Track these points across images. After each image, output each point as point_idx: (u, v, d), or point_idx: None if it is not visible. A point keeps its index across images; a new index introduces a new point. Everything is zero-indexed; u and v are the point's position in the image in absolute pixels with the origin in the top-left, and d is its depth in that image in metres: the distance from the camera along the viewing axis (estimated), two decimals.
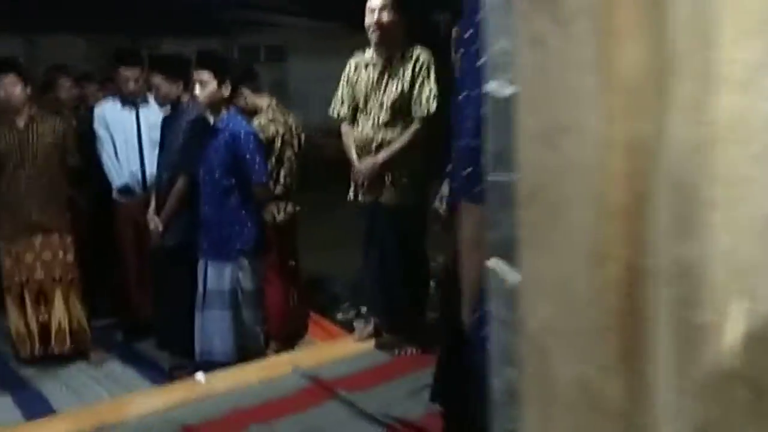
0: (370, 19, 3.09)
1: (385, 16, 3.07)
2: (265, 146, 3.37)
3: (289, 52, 9.88)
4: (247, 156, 3.03)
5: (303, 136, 3.81)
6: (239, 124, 3.11)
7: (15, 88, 3.52)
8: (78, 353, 3.73)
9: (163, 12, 8.46)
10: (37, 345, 3.65)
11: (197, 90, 3.08)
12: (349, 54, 3.56)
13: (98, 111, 3.94)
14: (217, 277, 3.13)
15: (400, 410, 2.63)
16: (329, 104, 3.51)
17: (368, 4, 3.10)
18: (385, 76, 3.17)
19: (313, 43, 10.30)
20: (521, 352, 0.61)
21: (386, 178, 3.16)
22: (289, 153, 3.64)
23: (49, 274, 3.65)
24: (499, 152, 0.64)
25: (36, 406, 3.24)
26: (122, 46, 4.06)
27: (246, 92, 3.55)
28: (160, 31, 8.73)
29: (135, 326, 4.01)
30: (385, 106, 3.15)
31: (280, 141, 3.57)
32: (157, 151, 3.81)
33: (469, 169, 0.98)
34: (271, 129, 3.53)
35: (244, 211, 3.11)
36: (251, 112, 3.55)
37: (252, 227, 3.13)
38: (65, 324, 3.67)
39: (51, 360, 3.68)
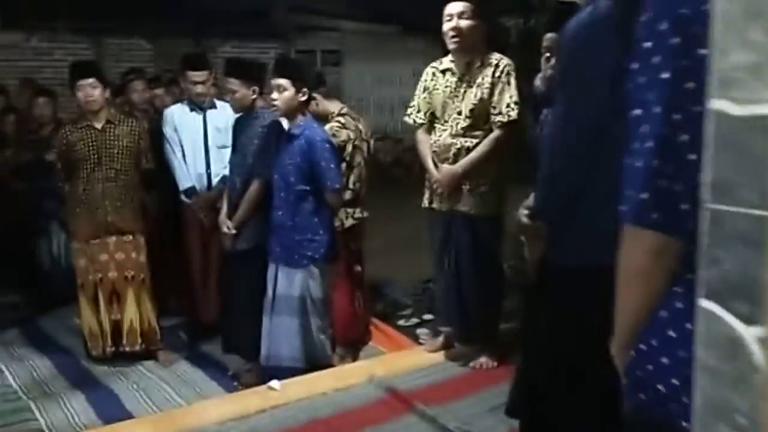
0: (448, 26, 3.04)
1: (464, 22, 3.02)
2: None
3: (345, 56, 9.91)
4: (323, 163, 3.01)
5: (372, 142, 3.80)
6: (315, 130, 3.10)
7: (95, 91, 3.60)
8: (147, 353, 3.78)
9: (223, 16, 8.59)
10: (108, 343, 3.71)
11: (274, 95, 3.08)
12: (405, 58, 3.56)
13: (167, 114, 4.01)
14: (287, 283, 3.13)
15: (481, 427, 2.57)
16: (385, 108, 3.48)
17: (446, 10, 3.05)
18: (464, 83, 3.13)
19: (369, 47, 10.33)
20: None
21: (464, 186, 3.11)
22: (359, 158, 3.63)
23: (122, 274, 3.72)
24: (727, 180, 0.58)
25: (108, 406, 3.29)
26: (188, 50, 4.11)
27: (318, 97, 3.54)
28: (220, 35, 8.86)
29: (200, 327, 4.05)
30: (463, 114, 3.11)
31: (351, 146, 3.56)
32: (221, 155, 3.87)
33: (646, 194, 0.92)
34: (343, 134, 3.52)
35: (317, 218, 3.10)
36: (322, 117, 3.55)
37: (324, 235, 3.11)
38: (136, 323, 3.73)
39: (121, 359, 3.74)
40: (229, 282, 3.51)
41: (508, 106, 3.04)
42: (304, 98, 3.11)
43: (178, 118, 3.94)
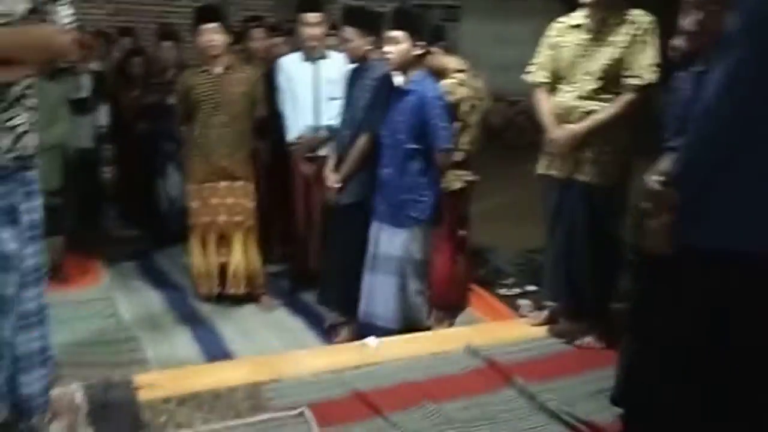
0: None
1: None
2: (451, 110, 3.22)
3: (464, 12, 9.61)
4: (434, 121, 2.90)
5: (488, 102, 3.63)
6: (428, 86, 2.98)
7: (217, 36, 3.64)
8: (250, 297, 3.89)
9: None
10: (215, 284, 3.84)
11: (389, 48, 2.98)
12: (523, 17, 3.31)
13: (281, 63, 3.98)
14: (389, 242, 3.08)
15: (585, 411, 2.43)
16: (501, 68, 3.27)
17: None
18: (597, 41, 2.87)
19: (489, 5, 9.95)
20: None
21: (586, 151, 2.90)
22: (474, 118, 3.49)
23: (231, 218, 3.80)
24: None
25: (212, 343, 3.42)
26: None
27: (436, 52, 3.40)
28: None
29: (303, 276, 4.10)
30: (593, 74, 2.86)
31: (467, 105, 3.41)
32: (330, 106, 3.82)
33: None
34: (460, 92, 3.38)
35: (424, 178, 3.01)
36: (439, 73, 3.41)
37: (430, 196, 3.02)
38: (242, 267, 3.82)
39: (226, 300, 3.86)
40: (330, 235, 3.50)
41: (645, 67, 2.78)
42: (419, 52, 2.99)
43: (292, 67, 3.91)
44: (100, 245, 4.90)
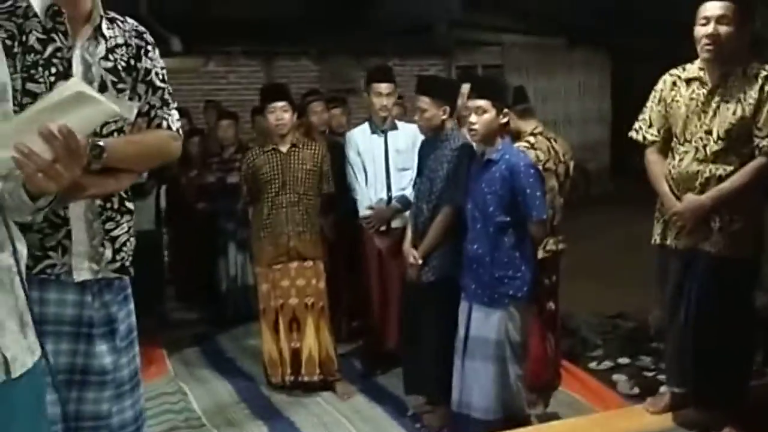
0: (703, 30, 2.55)
1: (724, 28, 2.52)
2: None
3: (507, 70, 9.55)
4: (528, 191, 2.70)
5: (571, 164, 3.43)
6: (517, 155, 2.81)
7: (286, 114, 3.57)
8: (325, 384, 3.66)
9: (384, 35, 8.58)
10: (288, 371, 3.63)
11: (473, 118, 2.82)
12: (570, 71, 3.09)
13: (350, 137, 3.90)
14: (483, 323, 2.83)
15: None
16: (548, 124, 3.04)
17: (702, 12, 2.56)
18: (717, 97, 2.62)
19: (532, 61, 9.91)
20: None
21: (713, 221, 2.62)
22: (551, 183, 3.27)
23: (302, 301, 3.63)
24: None
25: None
26: (377, 65, 3.93)
27: (511, 115, 3.23)
28: (381, 53, 8.86)
29: (378, 358, 3.87)
30: (715, 134, 2.60)
31: (541, 169, 3.21)
32: (401, 177, 3.67)
33: None
34: (531, 155, 3.18)
35: (518, 253, 2.79)
36: (513, 136, 3.24)
37: (526, 271, 2.79)
38: (315, 352, 3.62)
39: (299, 388, 3.65)
40: (412, 316, 3.27)
41: None
42: (504, 120, 2.82)
43: (361, 140, 3.82)
44: (162, 330, 4.77)
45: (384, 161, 3.72)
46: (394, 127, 3.79)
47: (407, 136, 3.75)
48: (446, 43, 9.33)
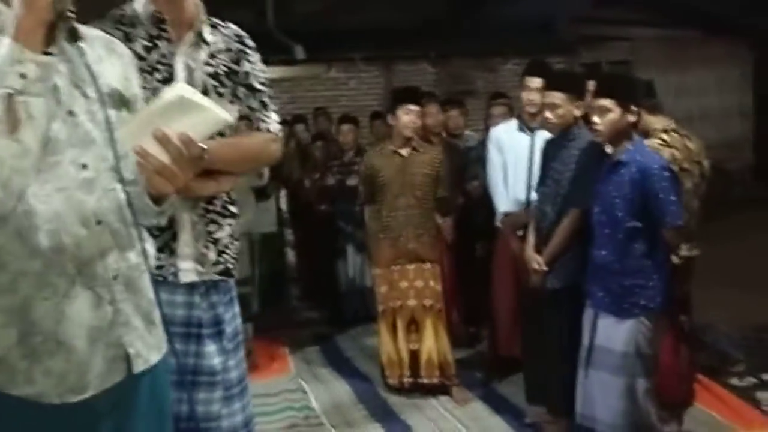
0: None
1: None
2: None
3: (634, 66, 9.06)
4: (661, 195, 2.51)
5: (707, 164, 3.17)
6: (649, 156, 2.62)
7: (419, 119, 3.57)
8: (442, 387, 3.62)
9: (504, 34, 8.41)
10: (406, 373, 3.63)
11: (596, 119, 2.67)
12: (705, 65, 2.78)
13: (493, 133, 3.72)
14: (609, 333, 2.67)
15: None
16: (683, 121, 2.74)
17: None
18: None
19: (663, 55, 9.34)
20: None
21: None
22: (687, 184, 3.03)
23: (420, 302, 3.63)
24: None
25: None
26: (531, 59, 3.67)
27: (641, 112, 3.02)
28: (501, 52, 8.70)
29: (500, 364, 3.76)
30: None
31: (677, 169, 2.97)
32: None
33: None
34: (665, 154, 2.95)
35: (650, 260, 2.60)
36: (643, 134, 3.03)
37: (659, 280, 2.60)
38: (434, 355, 3.60)
39: (416, 391, 3.63)
40: (536, 323, 3.15)
41: None
42: (632, 119, 2.64)
43: (504, 137, 3.61)
44: (284, 328, 4.93)
45: (528, 161, 3.47)
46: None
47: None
48: (569, 41, 9.00)
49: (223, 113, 1.26)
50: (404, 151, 3.63)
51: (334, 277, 5.12)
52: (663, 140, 3.03)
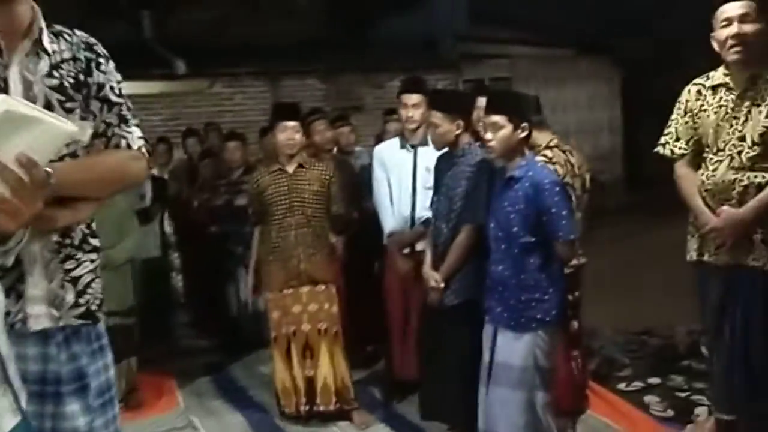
0: (726, 32, 2.43)
1: (749, 27, 2.39)
2: None
3: (514, 82, 9.44)
4: (554, 210, 2.54)
5: (587, 177, 3.27)
6: (541, 172, 2.65)
7: (297, 135, 3.46)
8: (341, 413, 3.50)
9: (390, 47, 8.51)
10: (302, 401, 3.48)
11: (489, 135, 2.68)
12: (579, 82, 2.92)
13: (377, 152, 3.72)
14: (509, 348, 2.67)
15: None
16: (563, 135, 2.86)
17: (722, 14, 2.44)
18: (747, 101, 2.49)
19: (541, 73, 9.79)
20: None
21: (754, 233, 2.45)
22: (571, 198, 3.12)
23: (315, 327, 3.49)
24: None
25: None
26: (407, 76, 3.69)
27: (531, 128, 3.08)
28: (388, 69, 8.78)
29: (398, 384, 3.70)
30: (749, 140, 2.46)
31: None
32: (428, 196, 3.48)
33: None
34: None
35: (545, 274, 2.63)
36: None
37: (554, 293, 2.64)
38: (330, 380, 3.47)
39: (315, 418, 3.49)
40: (433, 340, 3.12)
41: None
42: (523, 135, 2.67)
43: (388, 155, 3.61)
44: (171, 359, 4.63)
45: (411, 178, 3.49)
46: (425, 143, 3.52)
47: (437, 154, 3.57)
48: (452, 58, 9.25)
49: (66, 125, 1.08)
50: (290, 168, 3.51)
51: (225, 302, 4.89)
52: (546, 156, 3.10)
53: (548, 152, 3.13)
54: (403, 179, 3.51)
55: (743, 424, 2.57)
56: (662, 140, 2.73)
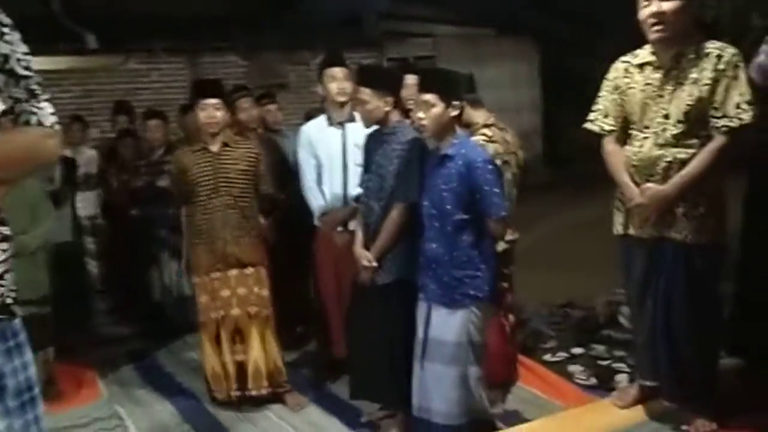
0: (646, 11, 2.50)
1: (668, 4, 2.44)
2: None
3: (439, 62, 9.48)
4: (486, 187, 2.56)
5: (521, 154, 3.34)
6: (473, 150, 2.67)
7: (218, 113, 3.32)
8: (274, 396, 3.45)
9: (313, 28, 8.35)
10: (233, 386, 3.40)
11: (420, 114, 2.68)
12: (500, 61, 2.99)
13: (302, 132, 3.62)
14: (441, 325, 2.70)
15: None
16: None
17: None
18: (671, 80, 2.56)
19: (464, 52, 9.88)
20: None
21: (677, 207, 2.55)
22: (507, 175, 3.17)
23: (244, 310, 3.41)
24: None
25: None
26: (327, 52, 3.64)
27: (464, 106, 3.10)
28: (311, 47, 8.63)
29: (330, 365, 3.68)
30: (673, 118, 2.53)
31: (500, 162, 3.10)
32: (359, 173, 3.45)
33: None
34: (490, 149, 3.06)
35: (478, 251, 2.66)
36: (464, 128, 3.11)
37: (487, 269, 2.67)
38: (262, 364, 3.41)
39: (247, 403, 3.42)
40: (364, 319, 3.10)
41: (738, 106, 2.44)
42: (455, 113, 2.68)
43: (315, 135, 3.53)
44: (92, 348, 4.43)
45: (342, 156, 3.45)
46: (352, 119, 3.50)
47: (365, 130, 3.54)
48: (376, 36, 9.19)
49: None
50: (214, 147, 3.38)
51: (148, 287, 4.72)
52: (486, 135, 3.13)
53: (487, 131, 3.17)
54: (333, 157, 3.46)
55: (665, 388, 2.71)
56: (591, 116, 2.80)
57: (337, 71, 3.43)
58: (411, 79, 3.22)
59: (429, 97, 2.63)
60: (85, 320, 4.79)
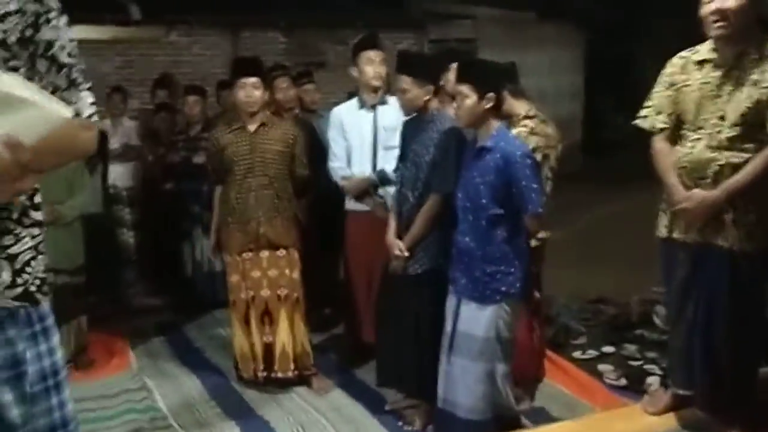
0: (708, 8, 2.39)
1: (732, 2, 2.34)
2: None
3: (480, 45, 9.32)
4: (524, 182, 2.51)
5: (560, 149, 3.26)
6: (512, 143, 2.60)
7: (257, 92, 3.31)
8: (300, 379, 3.47)
9: (355, 8, 8.26)
10: (260, 367, 3.42)
11: (455, 104, 2.63)
12: (540, 47, 2.86)
13: (334, 115, 3.61)
14: (472, 320, 2.66)
15: None
16: None
17: None
18: (731, 80, 2.45)
19: (505, 36, 9.69)
20: None
21: (725, 213, 2.45)
22: (545, 170, 3.10)
23: (274, 292, 3.41)
24: None
25: None
26: (364, 34, 3.60)
27: (502, 97, 3.02)
28: (352, 26, 8.55)
29: (359, 350, 3.67)
30: (729, 120, 2.43)
31: (539, 155, 3.03)
32: (388, 156, 3.40)
33: None
34: (532, 142, 2.99)
35: (511, 247, 2.61)
36: (505, 119, 3.04)
37: (520, 266, 2.62)
38: (289, 347, 3.42)
39: (272, 384, 3.44)
40: (393, 309, 3.09)
41: None
42: (489, 105, 2.61)
43: (347, 117, 3.51)
44: (123, 318, 4.51)
45: (372, 139, 3.42)
46: (384, 102, 3.47)
47: (397, 112, 3.47)
48: (418, 16, 9.06)
49: (61, 109, 0.97)
50: (251, 127, 3.37)
51: (180, 260, 4.77)
52: (528, 127, 3.05)
53: (529, 122, 3.09)
54: (363, 140, 3.45)
55: (700, 396, 2.63)
56: (643, 113, 2.70)
57: (374, 54, 3.39)
58: (453, 69, 3.16)
59: (463, 88, 2.58)
60: (117, 290, 4.87)
